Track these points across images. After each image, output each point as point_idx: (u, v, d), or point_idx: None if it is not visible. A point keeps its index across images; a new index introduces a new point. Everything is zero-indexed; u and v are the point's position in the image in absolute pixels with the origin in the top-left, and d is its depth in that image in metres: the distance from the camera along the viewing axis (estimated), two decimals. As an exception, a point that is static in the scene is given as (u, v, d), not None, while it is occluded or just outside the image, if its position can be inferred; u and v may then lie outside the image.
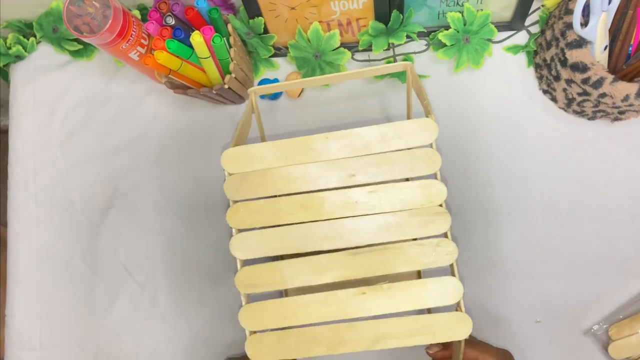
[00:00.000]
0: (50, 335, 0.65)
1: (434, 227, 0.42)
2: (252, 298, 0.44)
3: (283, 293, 0.58)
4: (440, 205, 0.42)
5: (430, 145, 0.42)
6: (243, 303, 0.43)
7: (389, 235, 0.42)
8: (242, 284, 0.43)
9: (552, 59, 0.57)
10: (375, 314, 0.42)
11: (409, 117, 0.56)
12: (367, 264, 0.42)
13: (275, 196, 0.44)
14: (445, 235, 0.42)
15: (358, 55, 0.64)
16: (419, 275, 0.56)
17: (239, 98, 0.64)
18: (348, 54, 0.62)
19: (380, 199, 0.42)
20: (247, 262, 0.44)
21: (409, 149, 0.42)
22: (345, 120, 0.64)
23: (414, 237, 0.42)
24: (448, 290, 0.41)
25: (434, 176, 0.43)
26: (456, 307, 0.42)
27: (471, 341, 0.48)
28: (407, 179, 0.46)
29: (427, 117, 0.43)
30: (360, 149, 0.42)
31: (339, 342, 0.41)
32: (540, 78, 0.62)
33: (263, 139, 0.57)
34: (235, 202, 0.44)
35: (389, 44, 0.60)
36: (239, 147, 0.44)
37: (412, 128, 0.42)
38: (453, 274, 0.42)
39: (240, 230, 0.44)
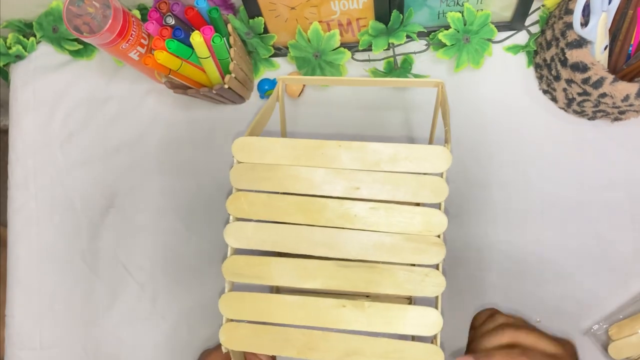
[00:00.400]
0: (50, 335, 0.65)
1: (428, 256, 0.42)
2: (239, 289, 0.45)
3: (273, 289, 0.58)
4: (438, 236, 0.42)
5: (441, 175, 0.42)
6: (226, 290, 0.44)
7: (381, 254, 0.42)
8: (228, 271, 0.44)
9: (552, 59, 0.57)
10: (352, 329, 0.42)
11: (431, 139, 0.56)
12: (354, 279, 0.42)
13: (279, 193, 0.44)
14: (437, 267, 0.42)
15: (358, 55, 0.64)
16: (409, 300, 0.56)
17: (239, 98, 0.64)
18: (348, 53, 0.62)
19: (379, 217, 0.42)
20: (238, 253, 0.45)
21: (418, 173, 0.42)
22: (345, 122, 0.64)
23: (406, 262, 0.42)
24: (428, 321, 0.41)
25: (438, 205, 0.43)
26: (432, 340, 0.42)
27: (526, 326, 0.46)
28: (418, 204, 0.46)
29: (445, 144, 0.43)
30: (370, 163, 0.42)
31: (310, 348, 0.42)
32: (540, 78, 0.62)
33: (284, 133, 0.57)
34: (238, 190, 0.44)
35: (389, 43, 0.60)
36: (252, 137, 0.44)
37: (427, 154, 0.42)
38: (436, 307, 0.42)
39: (237, 219, 0.44)
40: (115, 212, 0.66)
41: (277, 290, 0.58)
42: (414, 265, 0.42)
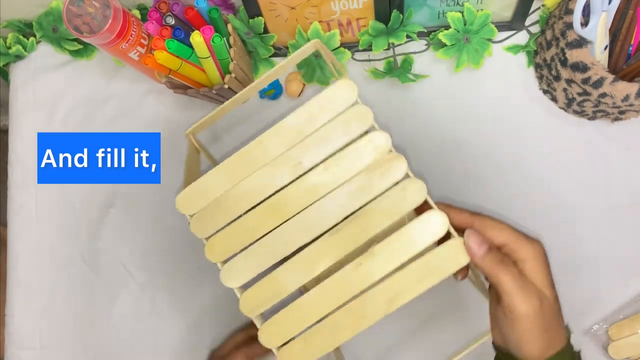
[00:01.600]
0: (50, 335, 0.65)
1: (393, 172, 0.41)
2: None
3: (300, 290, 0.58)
4: (390, 151, 0.42)
5: (355, 102, 0.42)
6: (258, 326, 0.43)
7: (357, 201, 0.42)
8: (248, 309, 0.43)
9: (552, 59, 0.57)
10: (378, 278, 0.41)
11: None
12: (349, 236, 0.42)
13: (241, 216, 0.44)
14: (407, 175, 0.42)
15: (358, 55, 0.64)
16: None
17: (239, 98, 0.64)
18: (348, 53, 0.62)
19: (333, 173, 0.42)
20: (245, 287, 0.44)
21: (337, 116, 0.42)
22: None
23: (380, 192, 0.42)
24: (433, 224, 0.41)
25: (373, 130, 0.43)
26: (446, 235, 0.42)
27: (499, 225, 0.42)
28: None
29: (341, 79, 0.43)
30: (294, 136, 0.43)
31: (358, 318, 0.41)
32: (540, 78, 0.62)
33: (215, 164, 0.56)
34: (207, 238, 0.44)
35: (389, 43, 0.60)
36: (187, 187, 0.44)
37: (332, 94, 0.42)
38: (432, 207, 0.42)
39: (225, 262, 0.44)
40: (115, 212, 0.66)
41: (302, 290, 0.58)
42: (388, 190, 0.42)
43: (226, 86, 0.57)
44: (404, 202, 0.41)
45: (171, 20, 0.54)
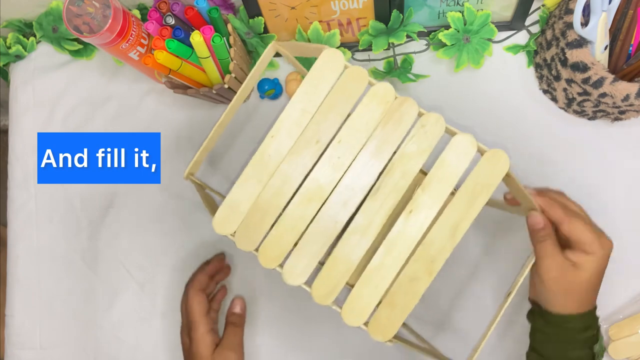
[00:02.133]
0: (50, 335, 0.65)
1: (406, 114, 0.41)
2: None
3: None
4: (396, 98, 0.42)
5: (345, 67, 0.42)
6: (338, 310, 0.42)
7: (383, 155, 0.42)
8: (322, 298, 0.42)
9: (552, 59, 0.57)
10: (433, 216, 0.41)
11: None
12: (390, 190, 0.41)
13: (280, 215, 0.43)
14: (420, 114, 0.42)
15: (358, 55, 0.64)
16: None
17: (239, 98, 0.64)
18: (348, 53, 0.62)
19: (350, 138, 0.42)
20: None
21: (334, 85, 0.42)
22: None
23: (402, 138, 0.42)
24: (461, 146, 0.41)
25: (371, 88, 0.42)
26: (480, 152, 0.42)
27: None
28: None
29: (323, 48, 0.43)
30: (301, 121, 0.42)
31: (429, 261, 0.41)
32: (540, 78, 0.62)
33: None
34: (257, 249, 0.43)
35: (389, 43, 0.60)
36: (218, 211, 0.43)
37: (320, 65, 0.42)
38: (454, 133, 0.41)
39: (281, 265, 0.43)
40: (115, 212, 0.66)
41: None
42: (409, 133, 0.42)
43: (226, 86, 0.57)
44: (428, 137, 0.41)
45: (171, 20, 0.54)
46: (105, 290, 0.65)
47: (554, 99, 0.61)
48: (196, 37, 0.52)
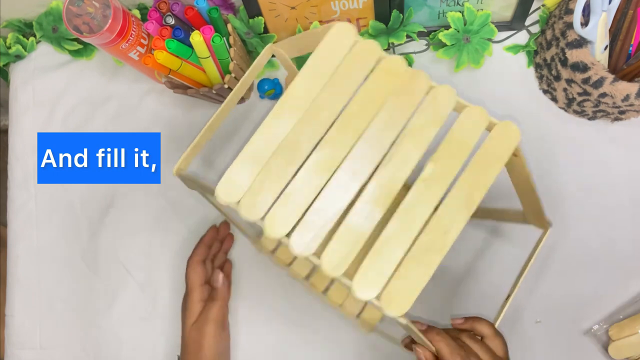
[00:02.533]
0: (50, 335, 0.65)
1: (417, 85, 0.41)
2: None
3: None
4: (406, 70, 0.41)
5: (351, 49, 0.42)
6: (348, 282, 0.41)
7: (396, 126, 0.41)
8: (332, 267, 0.39)
9: (552, 59, 0.57)
10: (446, 187, 0.40)
11: None
12: (403, 160, 0.40)
13: (288, 184, 0.41)
14: (431, 86, 0.41)
15: (358, 55, 0.64)
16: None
17: (239, 98, 0.64)
18: (348, 53, 0.62)
19: (361, 108, 0.41)
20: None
21: (344, 59, 0.42)
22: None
23: (414, 110, 0.41)
24: (472, 117, 0.41)
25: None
26: (488, 129, 0.42)
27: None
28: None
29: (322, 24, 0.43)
30: (311, 91, 0.41)
31: (443, 233, 0.40)
32: (540, 78, 0.62)
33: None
34: (262, 218, 0.40)
35: (389, 43, 0.60)
36: (222, 178, 0.41)
37: (331, 38, 0.42)
38: (465, 106, 0.41)
39: (288, 236, 0.40)
40: (115, 212, 0.66)
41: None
42: (420, 105, 0.41)
43: (226, 86, 0.57)
44: (440, 108, 0.41)
45: (171, 20, 0.54)
46: (105, 290, 0.65)
47: (554, 99, 0.61)
48: (196, 37, 0.52)
